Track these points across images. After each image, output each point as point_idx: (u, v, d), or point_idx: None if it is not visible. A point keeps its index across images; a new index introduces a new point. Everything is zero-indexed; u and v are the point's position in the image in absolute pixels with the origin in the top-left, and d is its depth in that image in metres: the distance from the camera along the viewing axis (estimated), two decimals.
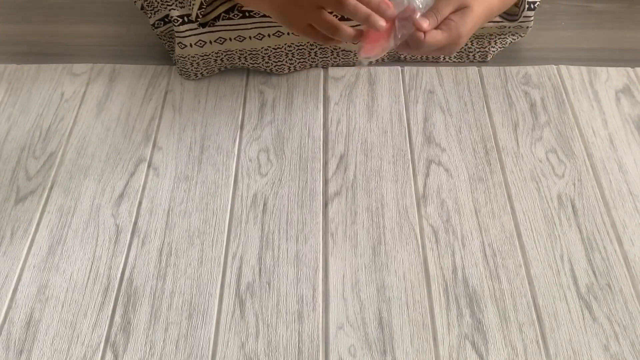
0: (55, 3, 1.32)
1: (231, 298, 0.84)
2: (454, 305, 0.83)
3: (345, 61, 1.13)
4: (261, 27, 1.06)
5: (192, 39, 1.06)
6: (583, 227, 0.91)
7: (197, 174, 0.98)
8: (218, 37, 1.07)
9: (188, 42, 1.06)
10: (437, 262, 0.87)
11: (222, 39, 1.07)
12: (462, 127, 1.04)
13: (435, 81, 1.12)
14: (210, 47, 1.08)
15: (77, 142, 1.03)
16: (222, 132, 1.04)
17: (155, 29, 1.14)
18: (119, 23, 1.28)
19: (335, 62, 1.13)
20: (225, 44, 1.08)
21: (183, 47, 1.07)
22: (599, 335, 0.80)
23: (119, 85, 1.12)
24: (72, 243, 0.90)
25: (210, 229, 0.92)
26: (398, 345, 0.80)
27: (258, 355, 0.79)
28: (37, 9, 1.31)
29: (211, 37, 1.06)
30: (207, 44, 1.07)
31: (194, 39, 1.06)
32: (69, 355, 0.79)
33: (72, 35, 1.25)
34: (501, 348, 0.79)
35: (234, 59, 1.10)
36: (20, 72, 1.15)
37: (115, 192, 0.96)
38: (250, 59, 1.10)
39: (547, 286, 0.85)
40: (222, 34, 1.07)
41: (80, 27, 1.27)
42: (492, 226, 0.91)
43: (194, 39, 1.06)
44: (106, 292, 0.85)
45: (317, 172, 0.99)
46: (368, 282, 0.86)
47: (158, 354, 0.79)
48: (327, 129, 1.05)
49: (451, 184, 0.96)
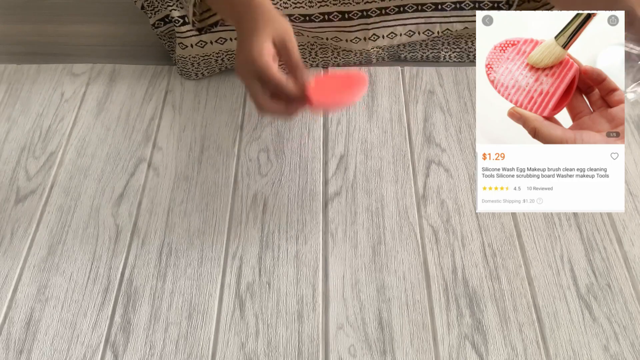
0: (55, 3, 1.32)
1: (231, 298, 0.84)
2: (454, 306, 0.83)
3: (345, 61, 1.13)
4: None
5: (193, 39, 1.06)
6: (583, 227, 0.91)
7: (197, 174, 0.98)
8: (219, 38, 1.07)
9: (189, 43, 1.06)
10: (437, 262, 0.87)
11: (222, 39, 1.07)
12: (462, 127, 1.04)
13: (435, 81, 1.12)
14: (211, 48, 1.08)
15: (77, 142, 1.03)
16: (222, 132, 1.04)
17: (155, 29, 1.14)
18: (119, 23, 1.28)
19: (336, 61, 1.13)
20: (226, 44, 1.08)
21: (184, 48, 1.07)
22: (599, 335, 0.80)
23: (119, 85, 1.12)
24: (72, 243, 0.90)
25: (210, 229, 0.92)
26: (398, 346, 0.80)
27: (258, 355, 0.79)
28: (37, 9, 1.31)
29: (212, 37, 1.06)
30: (208, 45, 1.07)
31: (194, 40, 1.06)
32: (68, 355, 0.79)
33: (72, 35, 1.25)
34: (501, 348, 0.79)
35: (234, 59, 1.10)
36: (20, 72, 1.15)
37: (115, 192, 0.96)
38: None
39: (547, 286, 0.85)
40: (223, 34, 1.07)
41: (80, 27, 1.27)
42: (492, 226, 0.91)
43: (194, 40, 1.06)
44: (106, 292, 0.85)
45: (317, 172, 0.99)
46: (368, 282, 0.86)
47: (158, 354, 0.79)
48: (327, 129, 1.05)
49: (451, 184, 0.96)
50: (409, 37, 1.10)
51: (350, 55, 1.13)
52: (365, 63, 1.15)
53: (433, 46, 1.14)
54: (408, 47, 1.14)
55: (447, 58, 1.15)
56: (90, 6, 1.32)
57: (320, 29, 1.07)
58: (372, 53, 1.13)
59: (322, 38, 1.09)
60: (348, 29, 1.07)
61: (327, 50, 1.12)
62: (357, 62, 1.14)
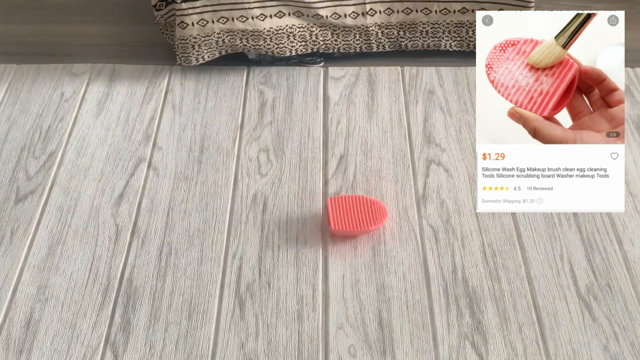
0: (55, 3, 1.32)
1: (231, 298, 0.84)
2: (454, 306, 0.83)
3: (346, 44, 1.13)
4: (263, 6, 1.07)
5: (194, 17, 1.06)
6: (583, 227, 0.91)
7: (197, 174, 0.98)
8: (220, 17, 1.07)
9: (190, 21, 1.06)
10: (437, 263, 0.87)
11: (224, 19, 1.07)
12: (462, 127, 1.04)
13: (435, 81, 1.12)
14: (212, 27, 1.08)
15: (77, 142, 1.03)
16: (222, 132, 1.04)
17: (157, 11, 1.13)
18: (119, 23, 1.28)
19: (336, 45, 1.13)
20: (227, 23, 1.08)
21: (184, 27, 1.07)
22: (599, 335, 0.80)
23: (119, 85, 1.12)
24: (72, 243, 0.90)
25: (210, 229, 0.92)
26: (398, 346, 0.80)
27: (258, 355, 0.79)
28: (37, 9, 1.31)
29: (214, 16, 1.07)
30: (209, 24, 1.08)
31: (196, 18, 1.06)
32: (68, 355, 0.79)
33: (72, 35, 1.25)
34: (501, 348, 0.79)
35: (235, 40, 1.10)
36: (20, 72, 1.15)
37: (115, 192, 0.96)
38: (252, 40, 1.10)
39: (547, 286, 0.85)
40: (225, 14, 1.07)
41: (80, 27, 1.27)
42: (492, 226, 0.91)
43: (196, 18, 1.06)
44: (106, 292, 0.85)
45: (317, 172, 0.99)
46: (368, 282, 0.86)
47: (158, 354, 0.79)
48: (327, 129, 1.05)
49: (451, 184, 0.96)
50: (406, 14, 1.10)
51: (350, 37, 1.13)
52: (366, 49, 1.14)
53: (434, 34, 1.14)
54: (408, 34, 1.14)
55: (447, 47, 1.15)
56: (90, 6, 1.32)
57: (319, 3, 1.07)
58: (372, 34, 1.13)
59: (322, 16, 1.09)
60: (346, 2, 1.08)
61: (326, 32, 1.11)
62: (357, 47, 1.14)
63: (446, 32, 1.14)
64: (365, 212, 0.89)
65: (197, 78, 1.13)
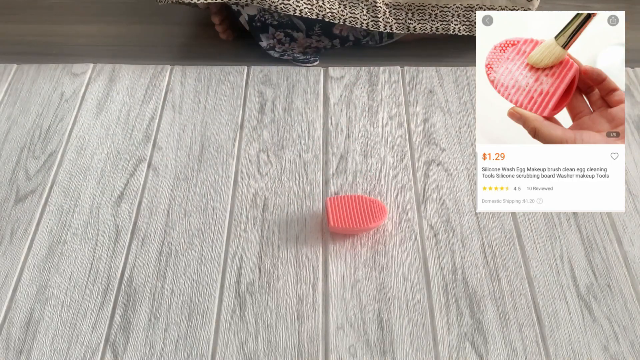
0: (55, 3, 1.32)
1: (231, 298, 0.84)
2: (454, 306, 0.83)
3: (352, 18, 1.09)
4: None
5: None
6: (583, 227, 0.91)
7: (197, 174, 0.98)
8: None
9: None
10: (437, 263, 0.87)
11: None
12: (462, 127, 1.04)
13: (435, 81, 1.12)
14: None
15: (77, 142, 1.03)
16: (222, 132, 1.04)
17: None
18: (119, 23, 1.28)
19: (342, 16, 1.09)
20: None
21: None
22: (599, 335, 0.80)
23: (119, 85, 1.12)
24: (72, 243, 0.90)
25: (210, 229, 0.92)
26: (398, 346, 0.80)
27: (258, 355, 0.79)
28: (37, 9, 1.31)
29: None
30: None
31: None
32: (68, 355, 0.79)
33: (72, 35, 1.25)
34: (501, 348, 0.79)
35: None
36: (20, 72, 1.15)
37: (115, 192, 0.96)
38: None
39: (547, 286, 0.85)
40: None
41: (80, 27, 1.27)
42: (492, 226, 0.91)
43: None
44: (106, 292, 0.85)
45: (317, 172, 0.99)
46: (368, 282, 0.86)
47: (158, 354, 0.79)
48: (327, 129, 1.05)
49: (451, 184, 0.96)
50: None
51: (357, 10, 1.10)
52: (373, 27, 1.11)
53: (443, 17, 1.12)
54: (417, 16, 1.13)
55: (456, 31, 1.13)
56: (90, 6, 1.32)
57: None
58: (380, 11, 1.10)
59: None
60: None
61: (333, 3, 1.09)
62: (364, 23, 1.11)
63: (455, 16, 1.11)
64: (364, 210, 0.89)
65: (197, 78, 1.13)
